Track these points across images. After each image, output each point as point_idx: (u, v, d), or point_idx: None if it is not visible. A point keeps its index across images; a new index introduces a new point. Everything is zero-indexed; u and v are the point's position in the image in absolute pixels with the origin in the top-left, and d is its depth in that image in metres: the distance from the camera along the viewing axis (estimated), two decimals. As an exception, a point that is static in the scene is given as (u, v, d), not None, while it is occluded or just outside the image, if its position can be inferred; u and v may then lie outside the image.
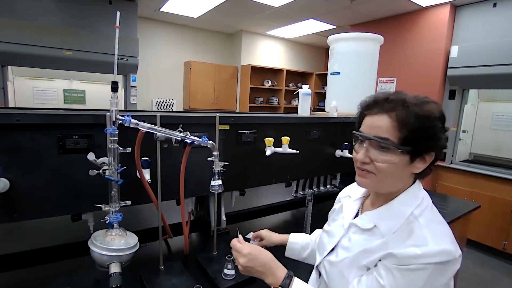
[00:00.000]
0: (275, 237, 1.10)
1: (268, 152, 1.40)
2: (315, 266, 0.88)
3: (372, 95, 0.75)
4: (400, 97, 0.70)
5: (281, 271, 0.77)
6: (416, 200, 0.71)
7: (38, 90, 3.84)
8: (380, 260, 0.68)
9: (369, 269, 0.70)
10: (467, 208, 1.94)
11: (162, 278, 1.04)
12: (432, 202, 0.74)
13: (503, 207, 3.19)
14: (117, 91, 0.95)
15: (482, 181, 3.40)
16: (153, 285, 1.00)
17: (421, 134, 0.67)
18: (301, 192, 2.04)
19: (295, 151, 1.46)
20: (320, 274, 0.84)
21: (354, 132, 0.75)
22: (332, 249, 0.81)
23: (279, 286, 0.74)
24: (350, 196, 0.89)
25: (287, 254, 1.08)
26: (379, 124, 0.69)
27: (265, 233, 1.10)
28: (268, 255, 0.80)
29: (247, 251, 0.80)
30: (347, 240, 0.77)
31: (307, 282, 0.78)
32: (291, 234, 1.11)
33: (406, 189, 0.72)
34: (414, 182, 0.74)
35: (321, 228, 0.96)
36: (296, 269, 0.86)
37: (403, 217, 0.69)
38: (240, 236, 0.88)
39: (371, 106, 0.73)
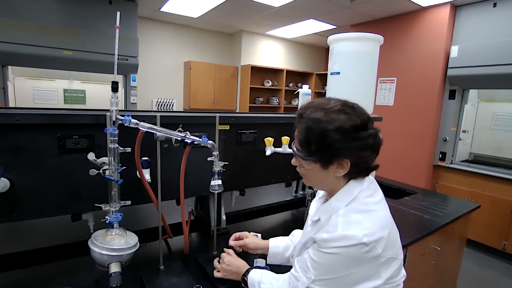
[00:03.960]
0: (259, 241, 1.13)
1: (268, 152, 1.41)
2: None
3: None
4: (305, 110, 0.78)
5: (246, 268, 0.99)
6: (349, 196, 0.78)
7: (38, 90, 3.84)
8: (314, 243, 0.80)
9: None
10: (467, 208, 1.93)
11: (162, 278, 1.04)
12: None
13: (503, 207, 3.19)
14: (117, 91, 0.95)
15: (482, 181, 3.40)
16: (153, 285, 0.99)
17: (316, 146, 0.75)
18: (301, 192, 2.04)
19: (295, 151, 1.46)
20: None
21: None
22: None
23: (243, 275, 0.97)
24: (318, 194, 0.98)
25: (269, 260, 1.09)
26: (295, 137, 0.82)
27: (247, 233, 1.16)
28: (242, 261, 1.03)
29: (227, 258, 1.04)
30: (303, 233, 0.90)
31: None
32: (271, 239, 1.12)
33: (342, 187, 0.80)
34: (349, 181, 0.80)
35: None
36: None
37: (335, 210, 0.77)
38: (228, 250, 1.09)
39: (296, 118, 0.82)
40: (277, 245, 1.10)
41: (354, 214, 0.74)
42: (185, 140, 1.05)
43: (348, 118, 0.73)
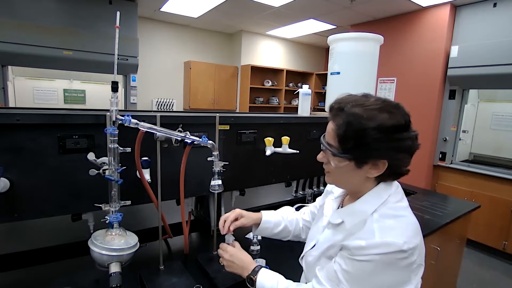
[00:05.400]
0: (253, 214, 1.10)
1: (268, 152, 1.41)
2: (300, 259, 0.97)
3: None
4: (344, 104, 0.73)
5: (254, 265, 0.91)
6: (379, 200, 0.74)
7: (38, 90, 3.84)
8: (340, 250, 0.74)
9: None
10: (467, 208, 1.94)
11: (162, 278, 1.04)
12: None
13: (503, 207, 3.19)
14: (117, 91, 0.95)
15: (482, 181, 3.40)
16: (153, 285, 1.00)
17: (354, 143, 0.70)
18: (301, 192, 2.04)
19: (295, 151, 1.46)
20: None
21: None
22: (314, 245, 0.86)
23: (250, 274, 0.88)
24: (333, 192, 0.94)
25: (257, 232, 1.09)
26: (329, 130, 0.77)
27: (241, 212, 1.09)
28: (247, 255, 0.97)
29: (231, 249, 0.98)
30: (323, 236, 0.84)
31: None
32: (263, 212, 1.10)
33: (371, 189, 0.76)
34: (379, 183, 0.77)
35: None
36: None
37: (364, 214, 0.73)
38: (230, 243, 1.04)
39: (330, 110, 0.78)
40: (269, 220, 1.09)
41: (388, 220, 0.70)
42: (185, 140, 1.05)
43: (391, 116, 0.69)
